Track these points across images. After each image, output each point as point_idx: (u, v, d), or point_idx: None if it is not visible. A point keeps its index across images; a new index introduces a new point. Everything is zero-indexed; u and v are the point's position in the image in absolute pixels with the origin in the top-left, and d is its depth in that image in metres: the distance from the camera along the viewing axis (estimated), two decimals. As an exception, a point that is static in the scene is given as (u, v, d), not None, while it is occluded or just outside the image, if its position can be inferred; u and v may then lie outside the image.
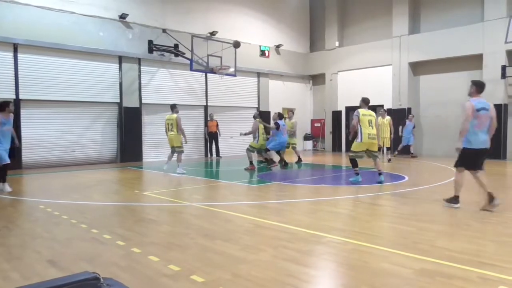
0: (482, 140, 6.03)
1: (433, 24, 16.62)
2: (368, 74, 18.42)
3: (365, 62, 18.45)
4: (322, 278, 3.62)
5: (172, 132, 11.17)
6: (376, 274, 3.50)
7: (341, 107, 19.54)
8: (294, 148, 14.04)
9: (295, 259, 3.88)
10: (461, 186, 6.24)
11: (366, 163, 13.81)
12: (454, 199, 6.22)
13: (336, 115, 19.63)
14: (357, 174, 8.84)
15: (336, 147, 19.72)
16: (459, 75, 15.97)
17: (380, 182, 8.69)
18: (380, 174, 8.82)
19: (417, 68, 17.23)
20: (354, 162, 8.90)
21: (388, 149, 14.21)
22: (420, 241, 4.42)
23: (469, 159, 6.09)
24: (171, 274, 3.51)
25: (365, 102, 8.96)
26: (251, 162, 11.79)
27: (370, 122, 8.65)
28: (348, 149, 19.33)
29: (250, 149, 12.10)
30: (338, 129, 19.54)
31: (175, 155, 11.44)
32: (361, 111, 8.73)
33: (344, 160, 15.49)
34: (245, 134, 12.77)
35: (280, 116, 12.49)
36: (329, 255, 4.08)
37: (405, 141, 15.76)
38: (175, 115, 11.12)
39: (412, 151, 15.86)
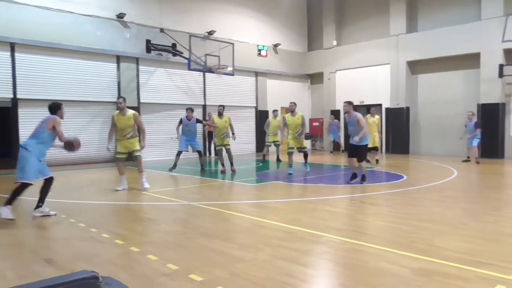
0: None
1: (430, 23, 16.63)
2: (366, 73, 18.43)
3: (363, 61, 18.46)
4: (320, 277, 3.63)
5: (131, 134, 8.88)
6: (374, 273, 3.51)
7: (339, 106, 19.50)
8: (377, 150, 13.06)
9: (293, 259, 3.89)
10: None
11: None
12: None
13: (335, 114, 19.62)
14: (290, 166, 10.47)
15: (335, 147, 19.70)
16: (456, 74, 16.01)
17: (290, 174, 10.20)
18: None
19: (415, 67, 17.24)
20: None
21: (372, 149, 12.62)
22: (418, 240, 4.43)
23: None
24: (169, 273, 3.52)
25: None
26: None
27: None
28: (346, 149, 19.45)
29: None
30: (337, 128, 19.50)
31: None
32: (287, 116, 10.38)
33: (342, 160, 15.49)
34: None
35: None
36: (327, 254, 4.10)
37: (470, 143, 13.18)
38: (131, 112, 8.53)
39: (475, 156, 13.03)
